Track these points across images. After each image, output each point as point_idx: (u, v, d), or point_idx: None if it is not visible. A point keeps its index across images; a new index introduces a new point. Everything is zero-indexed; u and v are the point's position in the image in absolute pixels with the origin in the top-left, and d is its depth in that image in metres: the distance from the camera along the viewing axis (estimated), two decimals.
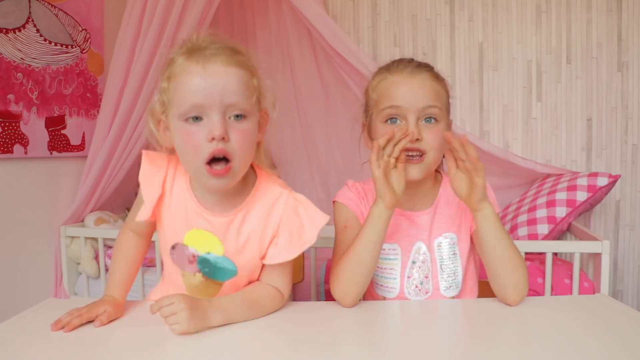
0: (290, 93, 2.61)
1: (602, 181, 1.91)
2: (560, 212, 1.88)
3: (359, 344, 0.80)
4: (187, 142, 0.78)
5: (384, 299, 1.02)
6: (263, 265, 0.92)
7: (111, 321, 0.85)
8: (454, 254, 1.01)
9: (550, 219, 1.89)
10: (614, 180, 1.92)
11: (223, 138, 0.76)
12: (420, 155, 0.95)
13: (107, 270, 2.06)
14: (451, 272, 1.01)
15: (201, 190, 0.87)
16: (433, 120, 0.96)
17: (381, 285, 1.03)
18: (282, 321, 0.88)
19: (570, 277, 1.65)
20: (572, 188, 1.92)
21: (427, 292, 1.00)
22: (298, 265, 1.41)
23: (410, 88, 0.96)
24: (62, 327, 0.80)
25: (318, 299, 1.69)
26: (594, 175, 1.94)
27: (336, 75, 2.39)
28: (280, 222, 0.88)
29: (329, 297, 0.93)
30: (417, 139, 0.93)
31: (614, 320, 0.85)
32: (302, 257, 1.38)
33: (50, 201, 2.06)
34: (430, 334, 0.83)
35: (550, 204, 1.92)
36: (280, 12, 2.55)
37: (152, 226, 0.94)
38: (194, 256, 0.86)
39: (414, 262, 1.01)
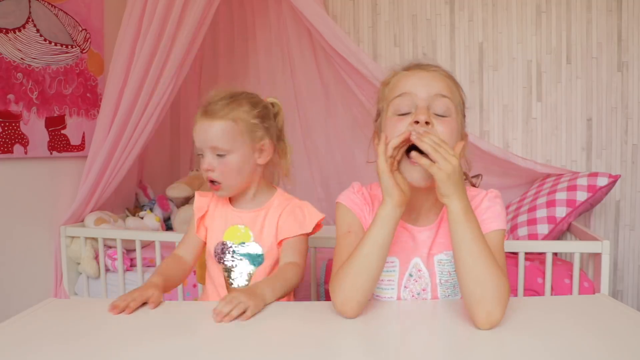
0: (290, 93, 2.60)
1: (602, 181, 1.91)
2: (560, 212, 1.88)
3: (358, 343, 0.80)
4: (200, 169, 1.14)
5: None
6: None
7: (157, 305, 0.94)
8: (454, 270, 0.97)
9: (550, 219, 1.88)
10: (614, 180, 1.92)
11: (210, 170, 1.10)
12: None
13: (107, 270, 2.06)
14: (450, 286, 0.99)
15: (237, 201, 1.20)
16: (445, 115, 0.90)
17: (377, 296, 1.00)
18: (282, 321, 0.88)
19: (570, 277, 1.65)
20: (572, 188, 1.92)
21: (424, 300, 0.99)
22: None
23: (421, 77, 0.93)
24: (123, 311, 0.89)
25: (318, 299, 1.69)
26: (594, 175, 1.94)
27: (336, 75, 2.38)
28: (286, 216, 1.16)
29: (328, 297, 0.92)
30: (427, 122, 0.86)
31: (614, 320, 0.85)
32: None
33: (50, 201, 2.06)
34: (429, 334, 0.83)
35: (550, 204, 1.92)
36: (280, 12, 2.55)
37: (195, 258, 1.22)
38: (231, 248, 1.16)
39: (411, 275, 0.98)
